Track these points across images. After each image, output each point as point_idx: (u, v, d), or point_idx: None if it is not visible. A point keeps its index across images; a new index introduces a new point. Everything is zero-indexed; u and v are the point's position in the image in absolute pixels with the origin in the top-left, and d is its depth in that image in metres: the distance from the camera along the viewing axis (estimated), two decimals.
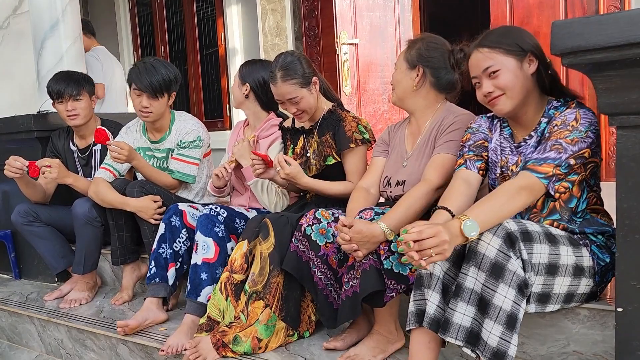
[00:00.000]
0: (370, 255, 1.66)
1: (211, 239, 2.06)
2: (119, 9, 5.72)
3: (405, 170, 1.87)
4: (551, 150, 1.41)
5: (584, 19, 1.23)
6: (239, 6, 4.72)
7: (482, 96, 1.55)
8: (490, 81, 1.51)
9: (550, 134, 1.46)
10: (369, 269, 1.65)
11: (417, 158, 1.86)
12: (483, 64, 1.51)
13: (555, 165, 1.40)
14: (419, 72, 1.82)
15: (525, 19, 3.38)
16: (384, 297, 1.65)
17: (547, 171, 1.40)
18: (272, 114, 2.43)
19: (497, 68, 1.49)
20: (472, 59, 1.56)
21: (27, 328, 2.55)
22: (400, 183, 1.86)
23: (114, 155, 2.27)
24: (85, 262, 2.52)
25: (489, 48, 1.51)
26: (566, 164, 1.40)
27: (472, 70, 1.56)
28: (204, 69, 5.21)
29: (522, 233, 1.33)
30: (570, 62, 1.27)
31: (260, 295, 1.87)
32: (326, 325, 1.87)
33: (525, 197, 1.39)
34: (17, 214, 2.57)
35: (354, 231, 1.62)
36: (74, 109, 2.56)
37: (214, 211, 2.11)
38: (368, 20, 3.89)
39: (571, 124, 1.43)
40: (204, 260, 2.05)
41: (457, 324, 1.33)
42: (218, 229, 2.09)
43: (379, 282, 1.64)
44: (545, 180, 1.40)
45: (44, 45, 2.97)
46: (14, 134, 2.90)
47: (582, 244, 1.45)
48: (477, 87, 1.57)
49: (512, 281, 1.29)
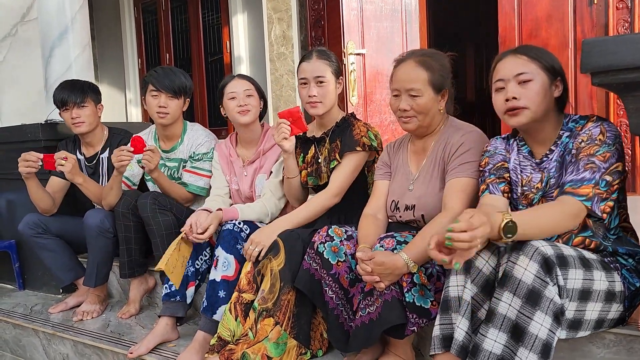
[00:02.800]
0: (392, 286, 1.60)
1: (233, 257, 2.01)
2: (124, 16, 5.71)
3: (412, 194, 1.83)
4: (585, 170, 1.39)
5: (617, 38, 1.22)
6: (245, 14, 4.71)
7: (502, 100, 1.51)
8: (519, 88, 1.49)
9: (578, 151, 1.44)
10: (390, 300, 1.59)
11: (424, 181, 1.82)
12: (518, 68, 1.49)
13: (593, 186, 1.38)
14: (445, 96, 1.81)
15: (534, 32, 3.37)
16: (405, 329, 1.59)
17: (587, 192, 1.38)
18: (264, 122, 2.39)
19: (531, 77, 1.48)
20: (505, 62, 1.53)
21: (32, 341, 2.51)
22: (410, 207, 1.82)
23: (146, 158, 2.23)
24: (97, 275, 2.48)
25: (528, 57, 1.50)
26: (604, 182, 1.38)
27: (500, 73, 1.53)
28: (209, 77, 5.20)
29: (558, 257, 1.30)
30: (601, 81, 1.25)
31: (270, 313, 1.83)
32: (336, 346, 1.82)
33: (572, 223, 1.38)
34: (26, 225, 2.53)
35: (375, 263, 1.59)
36: (78, 116, 2.54)
37: (237, 227, 2.06)
38: (375, 30, 3.88)
39: (598, 137, 1.42)
40: (223, 278, 1.99)
41: (487, 350, 1.29)
42: (240, 245, 2.03)
43: (401, 315, 1.58)
44: (588, 202, 1.37)
45: (53, 54, 2.95)
46: (21, 142, 2.87)
47: (613, 267, 1.42)
48: (499, 92, 1.53)
49: (548, 309, 1.26)
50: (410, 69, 1.75)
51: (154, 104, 2.39)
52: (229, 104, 2.25)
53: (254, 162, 2.31)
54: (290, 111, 2.01)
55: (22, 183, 2.46)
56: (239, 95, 2.23)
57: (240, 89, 2.24)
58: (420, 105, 1.75)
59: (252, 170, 2.30)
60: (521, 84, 1.49)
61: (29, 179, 2.43)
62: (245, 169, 2.31)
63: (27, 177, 2.42)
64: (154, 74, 2.41)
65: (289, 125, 2.00)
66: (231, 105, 2.24)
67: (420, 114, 1.76)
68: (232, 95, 2.24)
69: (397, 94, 1.78)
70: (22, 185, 2.49)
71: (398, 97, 1.78)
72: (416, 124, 1.78)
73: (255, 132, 2.33)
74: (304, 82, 2.10)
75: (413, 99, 1.75)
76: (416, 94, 1.74)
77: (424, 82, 1.74)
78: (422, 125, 1.79)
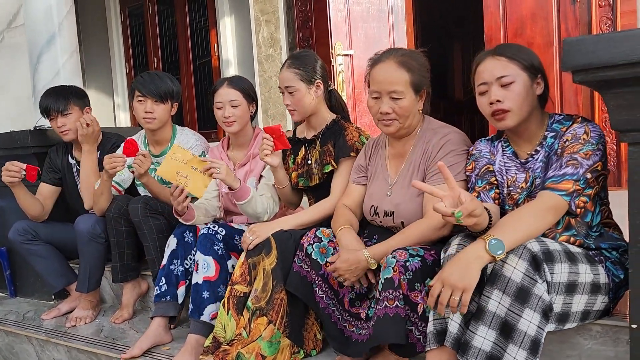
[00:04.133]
0: (398, 302, 1.55)
1: (211, 258, 2.04)
2: (111, 20, 5.69)
3: (391, 200, 1.83)
4: (567, 166, 1.42)
5: (595, 37, 1.24)
6: (233, 17, 4.72)
7: (487, 104, 1.53)
8: (502, 91, 1.50)
9: (562, 149, 1.46)
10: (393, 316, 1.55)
11: (402, 185, 1.81)
12: (499, 71, 1.50)
13: (574, 181, 1.40)
14: (423, 96, 1.79)
15: (519, 30, 3.41)
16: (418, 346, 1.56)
17: (568, 188, 1.40)
18: (255, 126, 2.41)
19: (512, 79, 1.49)
20: (485, 64, 1.54)
21: (25, 348, 2.50)
22: (389, 214, 1.82)
23: (137, 162, 2.21)
24: (90, 280, 2.48)
25: (507, 58, 1.51)
26: (584, 179, 1.41)
27: (482, 76, 1.54)
28: (197, 80, 5.20)
29: (544, 253, 1.33)
30: (582, 79, 1.27)
31: (264, 312, 1.84)
32: (332, 345, 1.82)
33: (551, 217, 1.40)
34: (16, 232, 2.52)
35: (341, 260, 1.69)
36: (63, 124, 2.53)
37: (212, 230, 2.09)
38: (362, 31, 3.90)
39: (582, 137, 1.44)
40: (205, 279, 2.02)
41: (476, 347, 1.32)
42: (217, 247, 2.06)
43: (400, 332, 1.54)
44: (567, 197, 1.40)
45: (40, 60, 2.94)
46: (10, 149, 2.86)
47: (597, 260, 1.46)
48: (482, 94, 1.55)
49: (537, 306, 1.29)
50: (392, 70, 1.71)
51: (140, 109, 2.40)
52: (216, 112, 2.28)
53: (244, 165, 2.32)
54: (272, 128, 2.01)
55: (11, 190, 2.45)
56: (224, 106, 2.25)
57: (226, 99, 2.24)
58: (402, 108, 1.72)
59: (242, 173, 2.31)
60: (504, 86, 1.50)
61: (15, 187, 2.43)
62: (236, 172, 2.33)
63: (13, 186, 2.42)
64: (139, 80, 2.41)
65: (272, 141, 2.01)
66: (218, 114, 2.27)
67: (402, 117, 1.73)
68: (219, 105, 2.26)
69: (377, 96, 1.74)
70: (11, 193, 2.48)
71: (378, 100, 1.74)
72: (397, 126, 1.75)
73: (245, 136, 2.34)
74: (281, 91, 2.16)
75: (395, 101, 1.71)
76: (398, 96, 1.71)
77: (405, 84, 1.71)
78: (402, 127, 1.76)
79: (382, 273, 1.59)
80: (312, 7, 4.20)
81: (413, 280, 1.55)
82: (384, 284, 1.57)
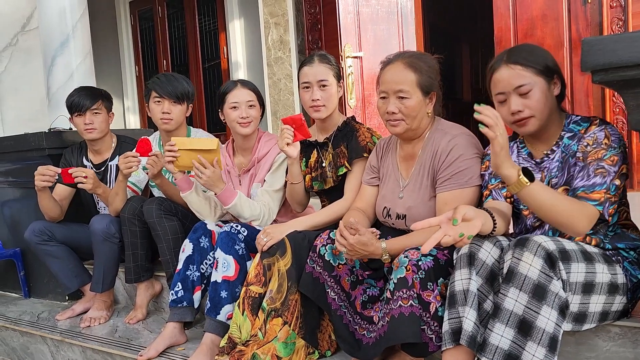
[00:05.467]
0: (412, 301, 1.53)
1: (231, 257, 2.03)
2: (121, 24, 5.73)
3: (403, 203, 1.83)
4: (596, 175, 1.41)
5: (615, 36, 1.24)
6: (242, 20, 4.73)
7: (508, 114, 1.53)
8: (521, 100, 1.50)
9: (585, 155, 1.46)
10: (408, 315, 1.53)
11: (413, 188, 1.82)
12: (516, 81, 1.50)
13: (605, 191, 1.40)
14: (433, 99, 1.79)
15: (529, 31, 3.40)
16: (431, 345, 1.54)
17: (599, 198, 1.40)
18: (258, 128, 2.36)
19: (530, 88, 1.48)
20: (500, 74, 1.53)
21: (40, 348, 2.51)
22: (401, 217, 1.82)
23: (150, 162, 2.23)
24: (104, 280, 2.50)
25: (521, 66, 1.50)
26: (613, 186, 1.41)
27: (499, 86, 1.54)
28: (207, 83, 5.22)
29: (560, 252, 1.33)
30: (602, 79, 1.28)
31: (279, 313, 1.85)
32: (343, 348, 1.81)
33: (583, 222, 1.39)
34: (32, 232, 2.54)
35: (359, 241, 1.65)
36: (91, 122, 2.55)
37: (234, 229, 2.08)
38: (372, 33, 3.90)
39: (604, 142, 1.44)
40: (224, 278, 2.02)
41: (494, 345, 1.32)
42: (238, 247, 2.05)
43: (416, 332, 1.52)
44: (600, 207, 1.40)
45: (54, 62, 2.97)
46: (25, 151, 2.88)
47: (614, 260, 1.45)
48: (501, 104, 1.55)
49: (554, 303, 1.29)
50: (399, 70, 1.73)
51: (157, 110, 2.42)
52: (230, 113, 2.23)
53: (249, 170, 2.31)
54: (292, 118, 2.01)
55: (27, 191, 2.47)
56: (241, 106, 2.22)
57: (243, 100, 2.23)
58: (408, 107, 1.72)
59: (247, 179, 2.31)
60: (522, 95, 1.49)
61: (41, 190, 2.44)
62: (241, 177, 2.32)
63: (40, 190, 2.43)
64: (156, 81, 2.43)
65: (292, 131, 2.01)
66: (232, 115, 2.23)
67: (408, 117, 1.74)
68: (234, 105, 2.22)
69: (385, 96, 1.76)
70: (26, 194, 2.51)
71: (386, 100, 1.76)
72: (404, 127, 1.75)
73: (252, 140, 2.32)
74: (306, 86, 2.11)
75: (401, 100, 1.73)
76: (404, 95, 1.72)
77: (412, 84, 1.72)
78: (410, 128, 1.76)
79: (395, 273, 1.59)
80: (321, 9, 4.20)
81: (425, 280, 1.54)
82: (397, 283, 1.56)
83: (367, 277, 1.85)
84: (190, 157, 2.09)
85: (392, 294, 1.58)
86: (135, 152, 2.24)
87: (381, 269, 1.82)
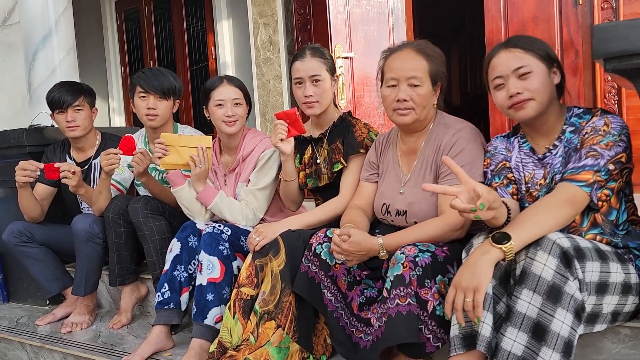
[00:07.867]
0: (410, 299, 1.48)
1: (216, 258, 1.96)
2: (106, 23, 5.65)
3: (403, 199, 1.78)
4: (587, 157, 1.37)
5: (629, 22, 1.19)
6: (230, 21, 4.69)
7: (505, 98, 1.48)
8: (520, 82, 1.46)
9: (582, 143, 1.42)
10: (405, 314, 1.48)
11: (415, 184, 1.77)
12: (514, 63, 1.46)
13: (594, 172, 1.35)
14: (438, 90, 1.75)
15: (520, 33, 3.37)
16: (428, 346, 1.49)
17: (587, 178, 1.35)
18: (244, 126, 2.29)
19: (529, 70, 1.45)
20: (498, 58, 1.49)
21: (18, 355, 2.41)
22: (402, 213, 1.77)
23: (136, 160, 2.16)
24: (87, 283, 2.40)
25: (521, 49, 1.46)
26: (605, 170, 1.36)
27: (496, 70, 1.49)
28: (194, 84, 5.15)
29: (575, 250, 1.27)
30: (615, 67, 1.23)
31: (272, 316, 1.77)
32: (339, 352, 1.74)
33: (569, 210, 1.33)
34: (10, 233, 2.44)
35: (351, 243, 1.60)
36: (73, 119, 2.46)
37: (217, 229, 2.01)
38: (362, 33, 3.88)
39: (602, 129, 1.40)
40: (209, 281, 1.95)
41: (506, 350, 1.25)
42: (223, 247, 1.98)
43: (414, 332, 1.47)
44: (587, 187, 1.34)
45: (36, 57, 2.88)
46: (4, 149, 2.78)
47: (627, 259, 1.40)
48: (499, 89, 1.50)
49: (570, 305, 1.23)
50: (411, 56, 1.68)
51: (142, 105, 2.33)
52: (215, 111, 2.16)
53: (234, 169, 2.25)
54: (286, 113, 1.96)
55: (6, 191, 2.38)
56: (226, 104, 2.14)
57: (228, 97, 2.15)
58: (420, 95, 1.67)
59: (233, 178, 2.25)
60: (521, 77, 1.46)
61: (22, 187, 2.34)
62: (226, 177, 2.26)
63: (21, 186, 2.33)
64: (142, 75, 2.35)
65: (286, 126, 1.95)
66: (218, 113, 2.15)
67: (419, 106, 1.68)
68: (220, 103, 2.15)
69: (395, 84, 1.68)
70: (5, 194, 2.41)
71: (395, 87, 1.68)
72: (413, 117, 1.69)
73: (238, 139, 2.25)
74: (298, 82, 2.05)
75: (413, 88, 1.67)
76: (418, 82, 1.66)
77: (424, 71, 1.68)
78: (418, 119, 1.71)
79: (391, 270, 1.53)
80: (311, 9, 4.16)
81: (423, 277, 1.48)
82: (394, 281, 1.51)
83: (365, 277, 1.79)
84: (179, 154, 2.03)
85: (389, 292, 1.52)
86: (118, 150, 2.16)
87: (379, 269, 1.75)
